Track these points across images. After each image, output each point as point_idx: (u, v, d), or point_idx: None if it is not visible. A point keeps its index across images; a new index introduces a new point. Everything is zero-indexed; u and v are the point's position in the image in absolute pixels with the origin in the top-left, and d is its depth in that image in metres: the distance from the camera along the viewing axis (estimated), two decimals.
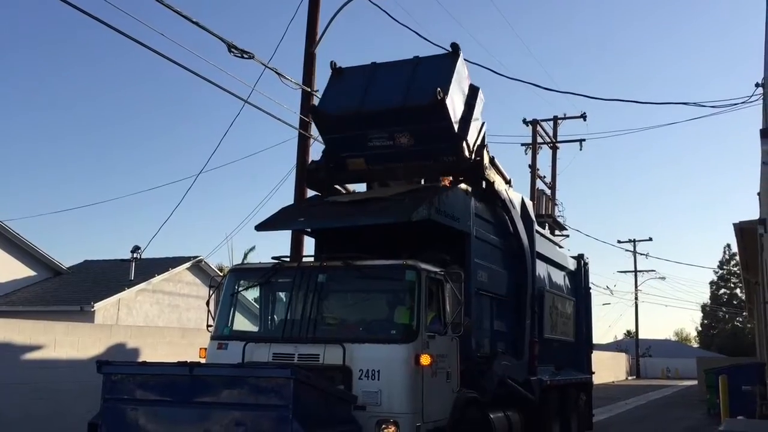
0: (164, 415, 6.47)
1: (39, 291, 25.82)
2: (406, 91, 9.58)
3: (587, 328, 15.65)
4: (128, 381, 6.71)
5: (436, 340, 7.96)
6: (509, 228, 11.19)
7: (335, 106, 10.11)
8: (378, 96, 9.80)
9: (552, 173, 32.66)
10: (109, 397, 6.68)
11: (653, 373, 61.71)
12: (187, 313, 26.61)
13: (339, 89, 10.34)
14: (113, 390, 6.68)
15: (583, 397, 14.65)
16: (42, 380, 11.11)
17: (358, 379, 7.42)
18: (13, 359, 10.87)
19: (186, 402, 6.43)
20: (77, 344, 12.02)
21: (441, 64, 9.89)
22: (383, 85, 9.91)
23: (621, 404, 26.94)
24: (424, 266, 8.12)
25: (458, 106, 9.77)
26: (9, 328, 11.12)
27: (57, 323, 12.42)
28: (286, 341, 8.01)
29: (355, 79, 10.24)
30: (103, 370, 6.75)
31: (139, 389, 6.66)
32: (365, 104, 9.80)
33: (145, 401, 6.60)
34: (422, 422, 7.46)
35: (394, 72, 10.06)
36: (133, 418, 6.54)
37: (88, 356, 11.52)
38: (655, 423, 20.05)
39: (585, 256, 15.86)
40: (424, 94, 9.33)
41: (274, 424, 6.00)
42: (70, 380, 11.23)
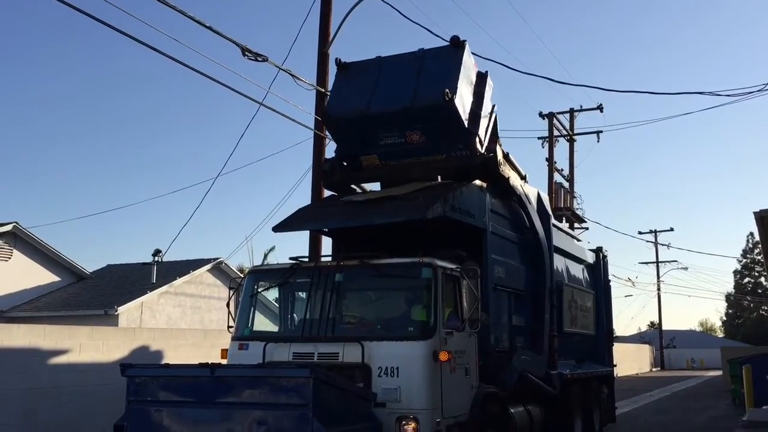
0: (187, 416, 6.58)
1: (63, 296, 26.20)
2: (414, 90, 9.46)
3: (608, 321, 15.58)
4: (151, 383, 6.83)
5: (454, 336, 8.00)
6: (525, 222, 11.19)
7: (344, 109, 10.08)
8: (386, 95, 9.72)
9: (570, 166, 32.52)
10: (133, 399, 6.81)
11: (678, 364, 61.23)
12: (208, 315, 26.86)
13: (346, 88, 10.25)
14: (137, 392, 6.81)
15: (605, 390, 14.59)
16: (68, 383, 11.30)
17: (377, 376, 7.47)
18: (40, 364, 11.06)
19: (208, 402, 6.54)
20: (102, 348, 12.21)
21: (447, 57, 9.71)
22: (390, 84, 9.79)
23: (645, 396, 26.80)
24: (441, 263, 8.17)
25: (467, 100, 9.67)
26: (35, 333, 11.32)
27: (81, 327, 12.62)
28: (305, 340, 8.09)
29: (361, 76, 10.15)
30: (126, 373, 6.88)
31: (163, 391, 6.78)
32: (373, 105, 9.73)
33: (168, 402, 6.72)
34: (442, 418, 7.50)
35: (400, 67, 9.93)
36: (157, 419, 6.66)
37: (113, 359, 11.69)
38: (680, 413, 19.93)
39: (604, 248, 15.81)
40: (433, 94, 9.23)
41: (294, 423, 6.08)
42: (96, 383, 11.41)
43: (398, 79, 9.77)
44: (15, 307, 24.96)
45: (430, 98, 9.25)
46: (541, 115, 31.48)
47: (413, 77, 9.60)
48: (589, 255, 15.23)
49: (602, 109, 32.31)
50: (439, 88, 9.11)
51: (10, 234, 25.15)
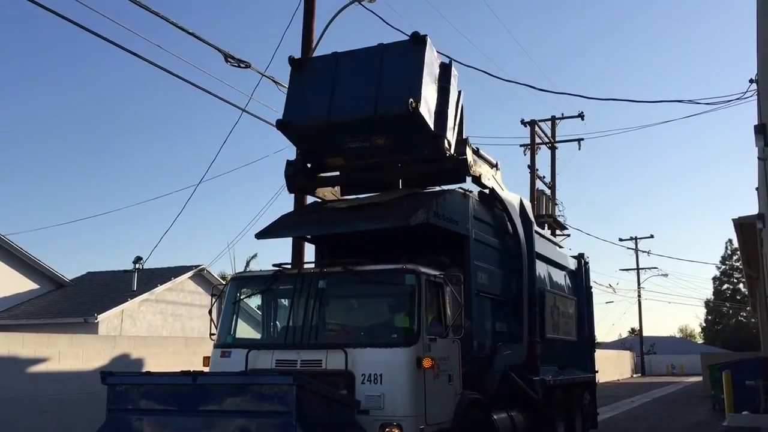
0: (169, 424, 6.52)
1: (42, 304, 25.91)
2: (376, 98, 8.95)
3: (589, 327, 15.65)
4: (132, 391, 6.76)
5: (438, 342, 7.98)
6: (508, 229, 11.23)
7: (303, 116, 9.49)
8: (347, 102, 9.19)
9: (551, 173, 32.76)
10: (113, 407, 6.74)
11: (658, 370, 61.68)
12: (190, 322, 26.69)
13: (302, 91, 9.64)
14: (118, 400, 6.74)
15: (588, 396, 14.65)
16: (48, 392, 11.17)
17: (360, 383, 7.43)
18: (19, 372, 10.92)
19: (190, 411, 6.48)
20: (81, 356, 12.07)
21: (408, 55, 9.10)
22: (350, 87, 9.25)
23: (626, 402, 26.95)
24: (424, 270, 8.15)
25: (432, 101, 9.15)
26: (14, 341, 11.18)
27: (61, 335, 12.48)
28: (288, 348, 8.05)
29: (317, 75, 9.57)
30: (107, 381, 6.81)
31: (144, 399, 6.71)
32: (334, 113, 9.23)
33: (149, 411, 6.65)
34: (425, 425, 7.48)
35: (358, 65, 9.36)
36: (138, 427, 6.60)
37: (93, 367, 11.57)
38: (660, 419, 20.07)
39: (585, 255, 15.91)
40: (396, 103, 8.70)
41: (277, 430, 6.05)
42: (76, 392, 11.29)
43: (358, 81, 9.24)
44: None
45: (394, 108, 8.76)
46: (523, 123, 31.71)
47: (374, 79, 9.06)
48: (571, 261, 15.32)
49: (583, 117, 32.57)
50: (402, 98, 8.61)
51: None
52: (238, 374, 7.24)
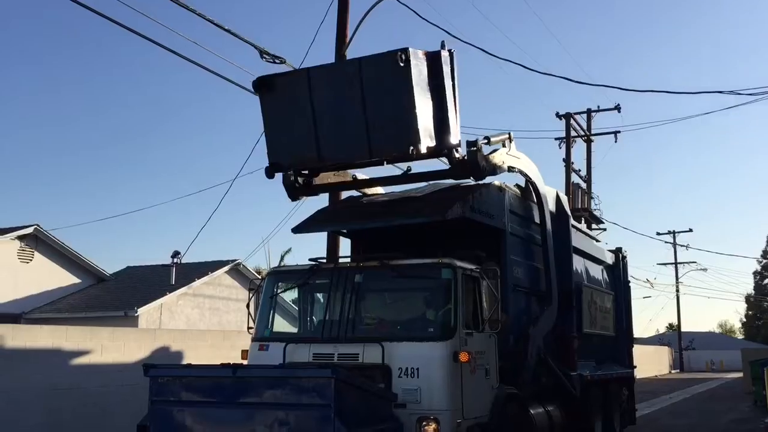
0: (210, 416, 6.62)
1: (84, 298, 26.46)
2: (369, 140, 8.19)
3: (627, 322, 15.51)
4: (174, 383, 6.88)
5: (474, 337, 8.00)
6: (546, 223, 11.14)
7: (289, 155, 8.87)
8: (335, 137, 8.45)
9: (587, 167, 32.35)
10: (156, 399, 6.86)
11: (697, 366, 60.70)
12: (227, 316, 27.00)
13: (281, 125, 8.80)
14: (160, 392, 6.86)
15: (626, 392, 14.53)
16: (90, 384, 11.42)
17: (397, 377, 7.46)
18: (63, 364, 11.19)
19: (230, 403, 6.57)
20: (123, 348, 12.32)
21: (393, 80, 8.01)
22: (334, 119, 8.42)
23: (664, 398, 26.60)
24: (460, 264, 8.15)
25: (428, 115, 8.22)
26: (57, 334, 11.44)
27: (103, 329, 12.74)
28: (325, 341, 8.08)
29: (292, 105, 8.63)
30: (149, 373, 6.93)
31: (185, 391, 6.82)
32: (324, 152, 8.56)
33: (191, 402, 6.76)
34: (462, 419, 7.49)
35: (336, 90, 8.42)
36: (179, 419, 6.71)
37: (134, 360, 11.80)
38: (700, 416, 19.76)
39: (623, 249, 15.77)
40: (394, 148, 8.17)
41: (316, 423, 6.10)
42: (118, 383, 11.52)
43: (341, 109, 8.38)
44: (36, 308, 25.24)
45: (392, 150, 8.30)
46: (558, 116, 31.35)
47: (360, 114, 8.17)
48: (608, 256, 15.18)
49: (620, 109, 32.13)
50: (400, 145, 8.05)
51: (32, 236, 25.45)
52: (277, 367, 7.32)
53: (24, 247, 25.28)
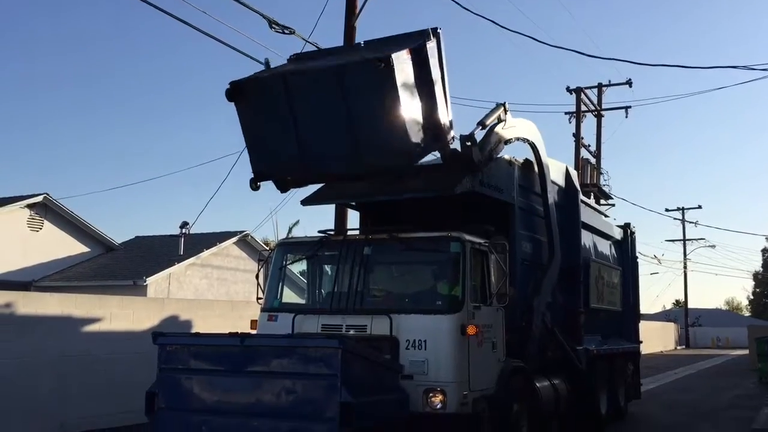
0: (217, 384, 6.67)
1: (93, 266, 26.63)
2: (357, 153, 7.91)
3: (634, 298, 15.54)
4: (182, 351, 6.92)
5: (482, 310, 8.04)
6: (554, 196, 11.10)
7: (273, 164, 8.55)
8: (320, 148, 8.10)
9: (597, 142, 32.14)
10: (164, 366, 6.91)
11: (703, 343, 60.79)
12: (235, 286, 27.15)
13: (261, 133, 8.40)
14: (168, 360, 6.91)
15: (631, 367, 14.64)
16: (99, 351, 11.53)
17: (405, 349, 7.51)
18: (72, 331, 11.29)
19: (238, 371, 6.61)
20: (132, 317, 12.41)
21: (377, 85, 7.54)
22: (318, 130, 8.02)
23: (670, 374, 26.68)
24: (469, 238, 8.14)
25: (418, 116, 7.90)
26: (67, 302, 11.53)
27: (112, 297, 12.83)
28: (334, 313, 8.12)
29: (271, 114, 8.21)
30: (158, 341, 6.97)
31: (193, 359, 6.86)
32: (311, 164, 8.32)
33: (199, 371, 6.80)
34: (469, 391, 7.56)
35: (317, 98, 7.93)
36: (187, 386, 6.76)
37: (143, 328, 11.89)
38: (705, 391, 19.83)
39: (632, 225, 15.73)
40: (384, 160, 7.87)
41: (323, 392, 6.14)
42: (126, 351, 11.63)
43: (325, 121, 7.99)
44: (46, 276, 25.43)
45: (384, 162, 8.01)
46: (569, 90, 31.08)
47: (346, 124, 7.81)
48: (617, 231, 15.17)
49: (631, 84, 31.80)
50: (392, 160, 7.84)
51: (41, 205, 25.57)
52: (284, 337, 7.36)
53: (33, 215, 25.40)
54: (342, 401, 6.00)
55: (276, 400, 6.36)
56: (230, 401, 6.57)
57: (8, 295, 11.03)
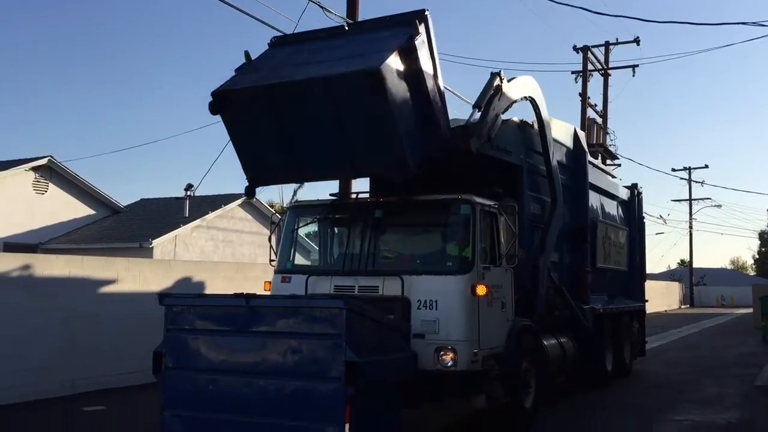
0: (223, 344, 6.69)
1: (99, 229, 26.72)
2: (351, 158, 7.79)
3: (640, 258, 15.63)
4: (189, 312, 6.94)
5: (492, 271, 8.14)
6: (562, 159, 11.13)
7: (268, 173, 8.49)
8: (314, 157, 7.94)
9: (603, 101, 31.86)
10: (171, 327, 6.93)
11: (707, 302, 61.03)
12: (240, 248, 27.25)
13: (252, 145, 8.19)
14: (175, 321, 6.93)
15: (636, 325, 14.77)
16: (106, 312, 11.62)
17: (416, 309, 7.63)
18: (80, 293, 11.36)
19: (244, 332, 6.63)
20: (138, 278, 12.48)
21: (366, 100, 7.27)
22: (311, 139, 7.82)
23: (674, 332, 26.83)
24: (479, 200, 8.21)
25: (413, 129, 7.70)
26: (74, 263, 11.59)
27: (118, 259, 12.89)
28: (346, 274, 8.22)
29: (260, 126, 7.99)
30: (164, 302, 6.99)
31: (199, 320, 6.88)
32: (305, 171, 8.28)
33: (205, 331, 6.83)
34: (479, 349, 7.69)
35: (308, 108, 7.63)
36: (194, 347, 6.80)
37: (149, 290, 11.95)
38: (709, 350, 19.94)
39: (639, 185, 15.78)
40: (383, 166, 7.75)
41: (328, 351, 6.16)
42: (133, 312, 11.72)
43: (315, 131, 7.76)
44: (52, 239, 25.54)
45: (380, 172, 8.11)
46: (575, 49, 30.73)
47: (334, 134, 7.61)
48: (624, 192, 15.22)
49: (639, 42, 31.40)
50: (389, 169, 7.80)
51: (46, 168, 25.56)
52: (289, 297, 7.38)
53: (38, 178, 25.41)
54: (347, 360, 6.02)
55: (282, 359, 6.39)
56: (236, 361, 6.61)
57: (16, 257, 11.10)
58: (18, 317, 10.40)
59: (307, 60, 8.00)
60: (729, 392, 11.87)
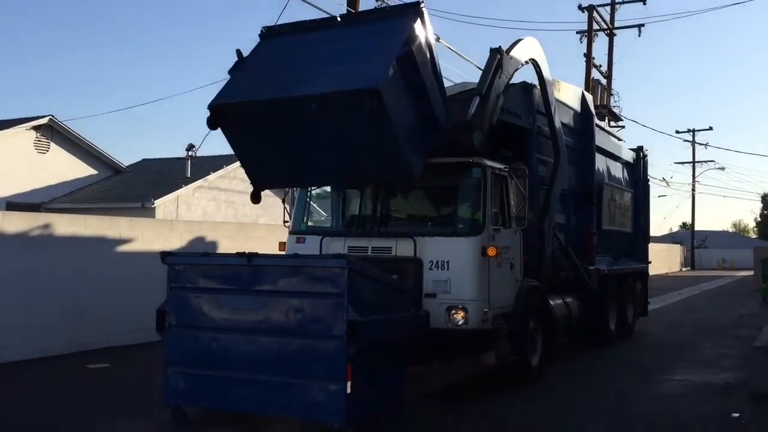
0: (226, 303, 6.70)
1: (101, 189, 26.69)
2: (355, 168, 7.77)
3: (645, 220, 15.83)
4: (191, 271, 6.94)
5: (501, 233, 8.34)
6: (569, 121, 11.30)
7: (271, 178, 8.47)
8: (317, 167, 7.95)
9: (608, 62, 31.55)
10: (174, 285, 6.94)
11: (708, 265, 61.24)
12: (243, 209, 27.19)
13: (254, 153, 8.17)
14: (177, 279, 6.94)
15: (639, 286, 15.02)
16: (109, 271, 11.67)
17: (428, 269, 7.82)
18: (83, 252, 11.39)
19: (246, 290, 6.64)
20: (141, 238, 12.50)
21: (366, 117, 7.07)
22: (313, 151, 7.76)
23: (674, 294, 26.97)
24: (490, 163, 8.34)
25: (412, 133, 7.56)
26: (76, 223, 11.60)
27: (121, 218, 12.89)
28: (360, 235, 8.36)
29: (258, 135, 7.91)
30: (166, 260, 6.99)
31: (202, 278, 6.89)
32: (309, 178, 8.42)
33: (208, 289, 6.84)
34: (489, 308, 7.91)
35: (307, 123, 7.47)
36: (197, 305, 6.81)
37: (152, 249, 11.99)
38: (709, 311, 20.06)
39: (644, 148, 15.95)
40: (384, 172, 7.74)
41: (330, 310, 6.17)
42: (135, 272, 11.77)
43: (316, 142, 7.70)
44: (55, 199, 25.53)
45: (385, 179, 8.12)
46: (581, 8, 30.34)
47: (335, 145, 7.57)
48: (629, 154, 15.41)
49: (645, 1, 30.98)
50: (392, 177, 7.91)
51: (47, 127, 25.43)
52: (291, 257, 7.39)
53: (40, 137, 25.30)
54: (349, 319, 6.03)
55: (284, 318, 6.41)
56: (239, 319, 6.63)
57: (20, 215, 11.11)
58: (21, 276, 10.45)
59: (302, 61, 7.79)
60: (728, 353, 11.97)
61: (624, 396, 8.61)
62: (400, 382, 6.95)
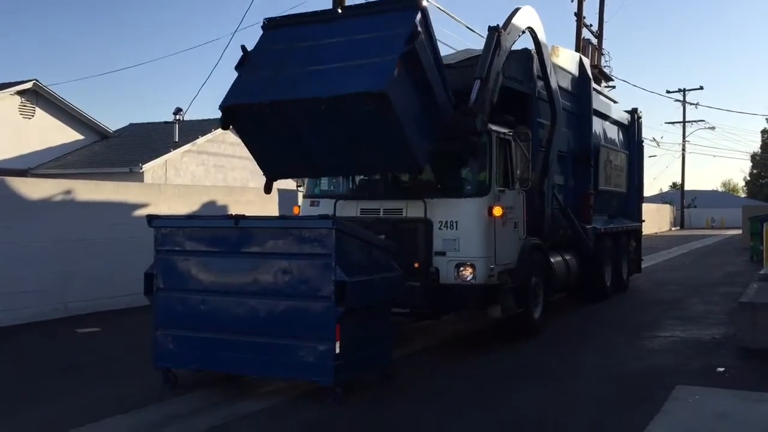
0: (214, 265, 6.67)
1: (88, 154, 26.47)
2: (365, 159, 8.01)
3: (639, 180, 16.19)
4: (178, 233, 6.90)
5: (506, 194, 8.77)
6: (568, 86, 11.60)
7: (282, 170, 8.72)
8: (328, 160, 8.16)
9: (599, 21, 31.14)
10: (161, 248, 6.91)
11: (698, 224, 61.67)
12: (232, 173, 27.07)
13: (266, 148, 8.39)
14: (164, 242, 6.90)
15: (633, 243, 15.48)
16: (96, 236, 11.62)
17: (438, 229, 8.24)
18: (70, 217, 11.32)
19: (234, 252, 6.62)
20: (128, 202, 12.42)
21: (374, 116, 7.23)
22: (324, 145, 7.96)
23: (663, 253, 27.14)
24: (495, 128, 8.68)
25: (419, 127, 7.77)
26: (63, 187, 11.51)
27: (107, 183, 12.80)
28: (371, 198, 8.72)
29: (269, 132, 8.09)
30: (153, 223, 6.94)
31: (189, 241, 6.85)
32: (320, 170, 8.62)
33: (195, 252, 6.81)
34: (495, 265, 8.37)
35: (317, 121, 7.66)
36: (184, 268, 6.78)
37: (139, 214, 11.93)
38: (697, 270, 20.21)
39: (639, 110, 16.16)
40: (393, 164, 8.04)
41: (318, 271, 6.16)
42: (123, 236, 11.73)
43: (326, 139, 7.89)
44: (41, 164, 25.32)
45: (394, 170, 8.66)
46: None
47: (345, 141, 7.77)
48: (624, 116, 15.62)
49: None
50: (401, 168, 8.33)
51: (31, 92, 25.09)
52: (279, 218, 7.39)
53: (25, 102, 24.98)
54: (337, 280, 6.04)
55: (272, 280, 6.40)
56: (227, 281, 6.62)
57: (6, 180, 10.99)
58: (8, 241, 10.39)
59: (307, 57, 7.90)
60: (715, 309, 12.10)
61: (615, 350, 8.82)
62: (389, 340, 7.00)
